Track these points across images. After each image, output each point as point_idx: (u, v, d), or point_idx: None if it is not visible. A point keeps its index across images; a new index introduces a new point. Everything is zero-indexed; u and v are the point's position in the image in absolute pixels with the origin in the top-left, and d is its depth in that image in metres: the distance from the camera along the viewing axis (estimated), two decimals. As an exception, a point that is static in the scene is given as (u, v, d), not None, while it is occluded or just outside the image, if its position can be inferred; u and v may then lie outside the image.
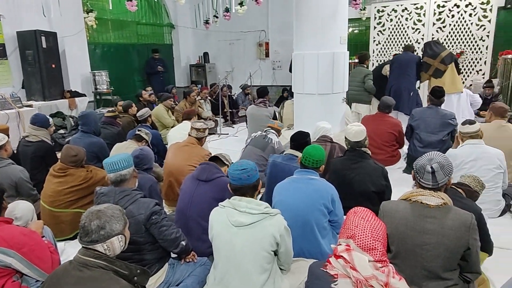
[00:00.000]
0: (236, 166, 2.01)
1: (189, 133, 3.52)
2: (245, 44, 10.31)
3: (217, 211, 2.02)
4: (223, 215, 1.95)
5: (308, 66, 4.47)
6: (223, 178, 2.54)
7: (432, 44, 5.46)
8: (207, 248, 2.30)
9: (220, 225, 1.94)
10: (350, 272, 1.46)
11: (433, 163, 1.82)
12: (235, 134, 6.82)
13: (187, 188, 2.63)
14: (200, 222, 2.44)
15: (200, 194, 2.53)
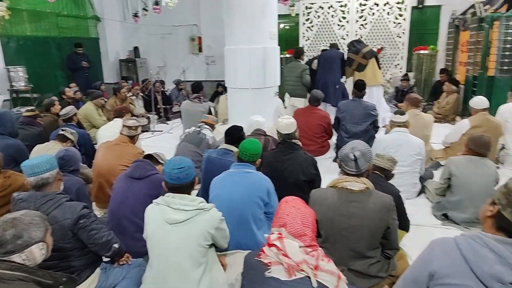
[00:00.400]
0: (173, 164, 1.97)
1: (121, 132, 3.37)
2: (177, 39, 10.06)
3: (151, 209, 1.97)
4: (157, 213, 1.91)
5: (240, 61, 4.52)
6: (157, 175, 2.49)
7: (355, 42, 5.96)
8: (142, 247, 2.23)
9: (155, 223, 1.91)
10: (283, 259, 1.52)
11: (355, 151, 1.96)
12: (169, 131, 6.65)
13: (120, 187, 2.53)
14: (134, 220, 2.37)
15: (134, 192, 2.45)
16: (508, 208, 1.33)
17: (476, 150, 2.87)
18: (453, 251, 1.40)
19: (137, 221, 2.33)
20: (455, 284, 1.36)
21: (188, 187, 1.98)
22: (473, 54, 6.29)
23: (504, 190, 1.37)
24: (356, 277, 2.00)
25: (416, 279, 1.48)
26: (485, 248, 1.33)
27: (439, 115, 6.41)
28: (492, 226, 1.40)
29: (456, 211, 2.89)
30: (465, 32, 6.83)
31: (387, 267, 2.05)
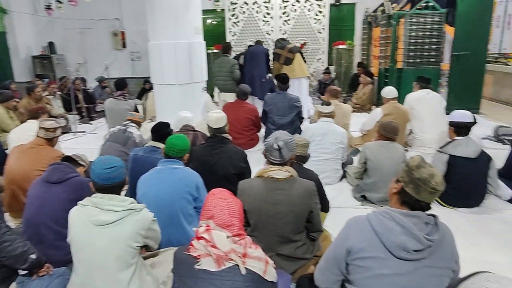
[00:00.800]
0: (103, 164, 1.88)
1: (37, 134, 3.10)
2: (98, 34, 9.48)
3: (76, 211, 1.86)
4: (83, 215, 1.81)
5: (166, 56, 4.42)
6: (78, 178, 2.34)
7: (280, 39, 6.29)
8: (64, 255, 2.10)
9: (80, 225, 1.80)
10: (211, 250, 1.54)
11: (279, 141, 2.05)
12: (94, 131, 6.27)
13: (35, 193, 2.32)
14: (54, 228, 2.20)
15: (52, 197, 2.26)
16: (410, 184, 1.50)
17: (386, 135, 3.17)
18: (366, 227, 1.55)
19: (58, 228, 2.18)
20: (368, 257, 1.50)
21: (118, 187, 1.92)
22: (384, 49, 6.88)
23: (406, 168, 1.55)
24: (284, 261, 2.11)
25: (335, 256, 1.61)
26: (392, 221, 1.49)
27: (357, 105, 6.91)
28: (397, 201, 1.57)
29: (372, 192, 3.17)
30: (377, 28, 7.43)
31: (312, 249, 2.19)
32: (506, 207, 3.12)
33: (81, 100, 6.98)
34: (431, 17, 6.09)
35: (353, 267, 1.54)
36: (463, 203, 3.09)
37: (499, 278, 0.84)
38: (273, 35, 8.46)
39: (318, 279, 1.73)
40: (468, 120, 3.09)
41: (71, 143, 5.60)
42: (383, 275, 1.46)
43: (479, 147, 3.03)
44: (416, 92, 4.65)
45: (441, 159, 3.05)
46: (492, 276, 0.85)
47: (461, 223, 2.89)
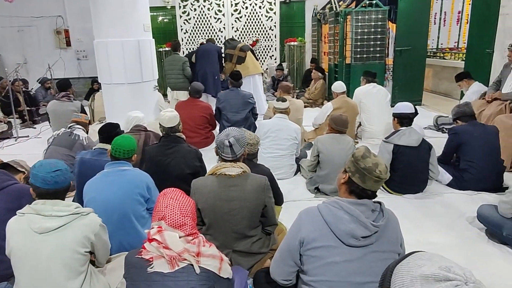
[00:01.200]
0: (48, 167, 1.76)
1: None
2: (39, 32, 8.91)
3: (15, 221, 1.73)
4: (23, 223, 1.69)
5: (113, 55, 4.25)
6: (17, 185, 2.18)
7: (230, 40, 6.38)
8: (5, 269, 1.96)
9: (21, 235, 1.68)
10: (163, 251, 1.51)
11: (230, 138, 2.04)
12: (38, 136, 5.89)
13: None
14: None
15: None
16: (356, 174, 1.56)
17: (336, 128, 3.29)
18: (317, 217, 1.59)
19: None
20: (320, 246, 1.55)
21: (63, 192, 1.82)
22: (333, 45, 7.10)
23: (352, 159, 1.61)
24: (241, 257, 2.12)
25: (289, 248, 1.64)
26: (341, 210, 1.54)
27: (310, 100, 7.09)
28: (346, 191, 1.63)
29: (325, 183, 3.27)
30: (325, 25, 7.65)
31: (268, 243, 2.21)
32: (446, 191, 3.35)
33: (22, 102, 6.53)
34: (375, 14, 6.37)
35: (306, 257, 1.58)
36: (408, 189, 3.28)
37: (431, 256, 0.90)
38: (225, 33, 8.43)
39: (273, 272, 1.75)
40: (410, 111, 3.28)
41: (13, 149, 5.23)
42: (334, 263, 1.52)
43: (420, 136, 3.22)
44: (364, 86, 4.85)
45: (387, 149, 3.21)
46: (425, 255, 0.91)
47: (406, 208, 3.07)
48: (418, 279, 0.83)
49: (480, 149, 3.21)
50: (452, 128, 3.50)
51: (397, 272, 0.90)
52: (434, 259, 0.87)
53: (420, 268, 0.85)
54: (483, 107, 4.31)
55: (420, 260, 0.88)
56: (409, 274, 0.85)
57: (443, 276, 0.80)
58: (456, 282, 0.79)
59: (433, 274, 0.81)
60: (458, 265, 0.85)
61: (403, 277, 0.86)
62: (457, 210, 3.01)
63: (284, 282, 1.72)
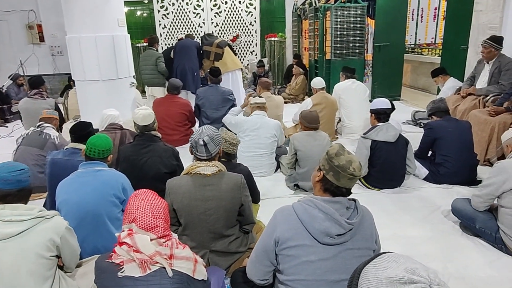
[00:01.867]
0: (9, 168, 1.69)
1: None
2: (9, 27, 8.58)
3: None
4: None
5: (86, 51, 4.13)
6: None
7: (207, 36, 6.17)
8: None
9: None
10: (134, 255, 1.47)
11: (204, 137, 2.00)
12: (10, 135, 5.68)
13: None
14: None
15: None
16: (330, 172, 1.55)
17: (309, 126, 3.29)
18: (291, 216, 1.58)
19: None
20: (295, 246, 1.53)
21: (27, 193, 1.75)
22: (313, 40, 7.10)
23: (326, 156, 1.60)
24: (218, 257, 2.09)
25: (265, 248, 1.62)
26: (315, 209, 1.53)
27: (290, 95, 7.10)
28: (320, 189, 1.62)
29: (305, 181, 3.26)
30: (306, 21, 7.65)
31: (246, 241, 2.19)
32: (422, 185, 3.41)
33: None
34: (354, 10, 6.41)
35: (282, 256, 1.56)
36: (386, 184, 3.31)
37: (397, 257, 0.89)
38: (205, 28, 8.32)
39: (250, 272, 1.73)
40: (387, 107, 3.31)
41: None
42: (309, 262, 1.50)
43: (397, 132, 3.25)
44: (343, 82, 4.87)
45: (365, 144, 3.23)
46: (391, 256, 0.90)
47: (384, 203, 3.10)
48: (383, 281, 0.83)
49: (454, 144, 3.27)
50: (427, 123, 3.56)
51: (364, 274, 0.90)
52: (400, 260, 0.87)
53: (386, 270, 0.84)
54: (458, 102, 4.40)
55: (386, 262, 0.88)
56: (375, 277, 0.85)
57: (408, 279, 0.80)
58: (420, 285, 0.79)
59: (398, 277, 0.81)
60: (424, 266, 0.85)
61: (369, 280, 0.86)
62: (433, 203, 3.06)
63: (261, 282, 1.70)
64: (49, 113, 3.54)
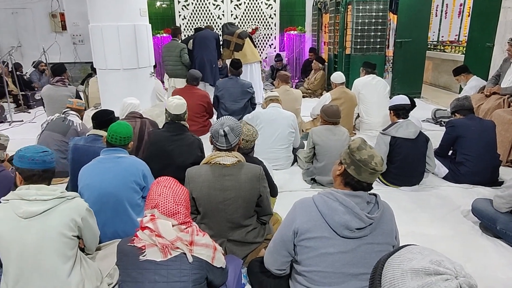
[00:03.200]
0: (33, 149, 1.75)
1: None
2: (34, 15, 8.76)
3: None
4: (7, 210, 1.66)
5: (108, 40, 4.18)
6: (5, 172, 2.12)
7: (228, 25, 6.14)
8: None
9: (5, 222, 1.64)
10: (156, 240, 1.50)
11: (225, 127, 2.01)
12: (32, 120, 5.84)
13: None
14: None
15: None
16: (352, 166, 1.54)
17: (328, 120, 3.26)
18: (311, 208, 1.58)
19: None
20: (314, 237, 1.54)
21: (50, 174, 1.79)
22: (333, 35, 7.02)
23: (348, 150, 1.59)
24: (235, 246, 2.11)
25: (283, 238, 1.63)
26: (336, 201, 1.53)
27: (308, 90, 7.05)
28: (341, 182, 1.61)
29: (322, 175, 3.25)
30: (326, 15, 7.56)
31: (263, 232, 2.21)
32: (441, 184, 3.35)
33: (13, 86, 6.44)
34: (376, 5, 6.29)
35: (300, 247, 1.57)
36: (405, 181, 3.27)
37: (422, 250, 0.88)
38: (224, 20, 8.31)
39: (267, 261, 1.75)
40: (406, 103, 3.26)
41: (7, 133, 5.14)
42: (328, 254, 1.51)
43: (418, 128, 3.20)
44: (363, 77, 4.81)
45: (384, 141, 3.19)
46: (416, 248, 0.90)
47: (403, 200, 3.07)
48: (408, 272, 0.82)
49: (476, 143, 3.20)
50: (449, 121, 3.48)
51: (388, 265, 0.89)
52: (424, 252, 0.86)
53: (411, 261, 0.84)
54: (482, 101, 4.29)
55: (411, 253, 0.87)
56: (399, 268, 0.85)
57: (434, 270, 0.79)
58: (446, 276, 0.79)
59: (424, 268, 0.80)
60: (448, 259, 0.84)
61: (394, 270, 0.85)
62: (452, 203, 3.01)
63: (278, 271, 1.72)
64: (79, 105, 3.62)
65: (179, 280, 1.49)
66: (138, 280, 1.50)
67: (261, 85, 6.36)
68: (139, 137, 3.27)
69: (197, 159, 2.85)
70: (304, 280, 1.57)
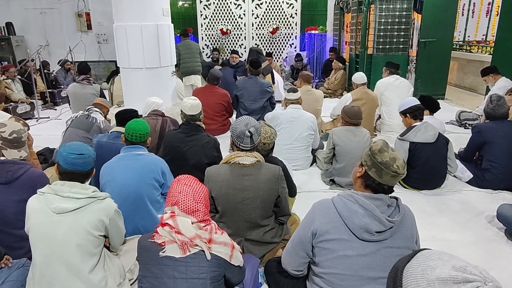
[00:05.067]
0: (72, 149, 1.80)
1: None
2: (61, 15, 9.03)
3: (35, 199, 1.77)
4: (42, 203, 1.73)
5: (132, 39, 4.26)
6: (28, 173, 2.14)
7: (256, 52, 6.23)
8: (24, 253, 2.03)
9: (38, 214, 1.72)
10: (176, 236, 1.52)
11: (250, 128, 2.01)
12: (58, 117, 6.02)
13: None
14: (10, 232, 2.06)
15: (1, 201, 2.06)
16: (373, 168, 1.52)
17: (349, 121, 3.21)
18: (330, 209, 1.57)
19: (14, 231, 2.05)
20: (333, 239, 1.53)
21: (81, 176, 1.83)
22: (355, 34, 6.93)
23: (369, 152, 1.57)
24: (253, 246, 2.11)
25: (301, 239, 1.63)
26: (355, 204, 1.51)
27: (329, 90, 6.98)
28: (361, 185, 1.60)
29: (341, 176, 3.21)
30: (348, 14, 7.47)
31: (281, 233, 2.20)
32: (464, 188, 3.26)
33: (41, 84, 6.66)
34: (400, 4, 6.18)
35: (319, 249, 1.56)
36: (426, 185, 3.19)
37: (440, 255, 0.86)
38: (245, 19, 8.34)
39: (285, 262, 1.75)
40: (417, 102, 3.19)
41: (35, 129, 5.34)
42: (347, 256, 1.50)
43: (436, 130, 3.09)
44: (386, 78, 4.72)
45: (403, 147, 3.10)
46: (433, 254, 0.87)
47: (423, 204, 3.00)
48: (435, 282, 0.79)
49: (504, 150, 3.08)
50: (475, 126, 3.37)
51: (409, 274, 0.87)
52: (444, 258, 0.84)
53: (434, 270, 0.81)
54: (510, 103, 4.14)
55: (431, 260, 0.85)
56: (423, 278, 0.82)
57: (462, 278, 0.77)
58: (476, 284, 0.76)
59: (451, 277, 0.78)
60: (469, 263, 0.82)
61: (417, 280, 0.83)
62: (476, 208, 2.93)
63: (295, 272, 1.72)
64: (102, 101, 3.72)
65: (198, 277, 1.52)
66: (158, 276, 1.53)
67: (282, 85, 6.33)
68: (160, 135, 3.33)
69: (213, 159, 2.87)
70: (321, 282, 1.57)
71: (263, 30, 8.40)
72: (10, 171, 2.09)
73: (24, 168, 2.15)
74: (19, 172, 2.11)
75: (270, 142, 2.49)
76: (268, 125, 2.57)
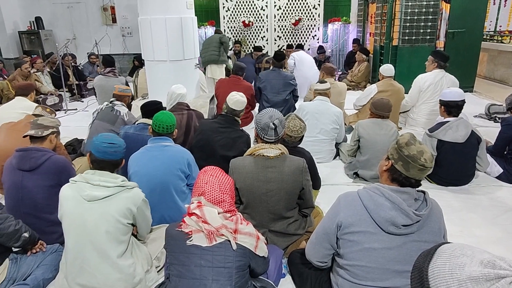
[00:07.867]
0: (104, 138, 1.89)
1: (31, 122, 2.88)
2: (87, 9, 9.23)
3: (68, 187, 1.86)
4: (74, 190, 1.81)
5: (156, 32, 4.31)
6: (52, 159, 2.23)
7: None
8: (56, 238, 2.13)
9: (70, 201, 1.80)
10: (202, 226, 1.56)
11: (274, 120, 2.01)
12: (85, 109, 6.19)
13: (11, 182, 2.22)
14: (41, 216, 2.17)
15: (30, 186, 2.17)
16: (400, 161, 1.51)
17: (377, 113, 3.14)
18: (356, 202, 1.56)
19: (45, 216, 2.16)
20: (358, 232, 1.52)
21: (111, 165, 1.91)
22: (379, 25, 6.77)
23: (396, 146, 1.55)
24: (277, 237, 2.13)
25: (326, 231, 1.63)
26: (382, 197, 1.50)
27: (352, 82, 6.88)
28: (388, 178, 1.58)
29: (365, 169, 3.17)
30: (373, 5, 7.29)
31: (305, 225, 2.21)
32: (493, 184, 3.16)
33: (71, 77, 6.86)
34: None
35: (343, 241, 1.56)
36: (451, 184, 3.10)
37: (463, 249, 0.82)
38: (267, 11, 8.29)
39: (309, 253, 1.76)
40: (459, 99, 3.02)
41: (63, 121, 5.46)
42: (372, 249, 1.49)
43: (468, 130, 2.96)
44: (430, 73, 4.34)
45: (431, 144, 3.01)
46: (457, 249, 0.83)
47: (450, 199, 2.93)
48: (467, 282, 0.76)
49: (536, 142, 2.97)
50: (505, 119, 3.25)
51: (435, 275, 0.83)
52: (467, 253, 0.80)
53: (463, 268, 0.78)
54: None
55: (456, 257, 0.81)
56: (453, 278, 0.79)
57: (494, 274, 0.74)
58: (509, 279, 0.74)
59: (483, 275, 0.75)
60: (494, 255, 0.79)
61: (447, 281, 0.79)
62: (505, 204, 2.84)
63: (319, 264, 1.72)
64: (120, 91, 3.69)
65: (224, 266, 1.55)
66: (184, 264, 1.57)
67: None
68: (185, 131, 3.34)
69: (241, 154, 2.86)
70: (346, 274, 1.57)
71: (285, 22, 8.33)
72: (33, 157, 2.18)
73: (47, 155, 2.23)
74: (42, 158, 2.20)
75: (298, 136, 2.48)
76: (299, 118, 2.56)
